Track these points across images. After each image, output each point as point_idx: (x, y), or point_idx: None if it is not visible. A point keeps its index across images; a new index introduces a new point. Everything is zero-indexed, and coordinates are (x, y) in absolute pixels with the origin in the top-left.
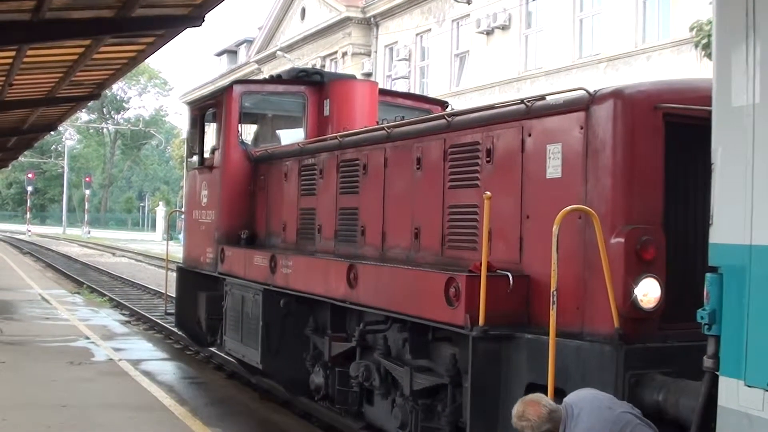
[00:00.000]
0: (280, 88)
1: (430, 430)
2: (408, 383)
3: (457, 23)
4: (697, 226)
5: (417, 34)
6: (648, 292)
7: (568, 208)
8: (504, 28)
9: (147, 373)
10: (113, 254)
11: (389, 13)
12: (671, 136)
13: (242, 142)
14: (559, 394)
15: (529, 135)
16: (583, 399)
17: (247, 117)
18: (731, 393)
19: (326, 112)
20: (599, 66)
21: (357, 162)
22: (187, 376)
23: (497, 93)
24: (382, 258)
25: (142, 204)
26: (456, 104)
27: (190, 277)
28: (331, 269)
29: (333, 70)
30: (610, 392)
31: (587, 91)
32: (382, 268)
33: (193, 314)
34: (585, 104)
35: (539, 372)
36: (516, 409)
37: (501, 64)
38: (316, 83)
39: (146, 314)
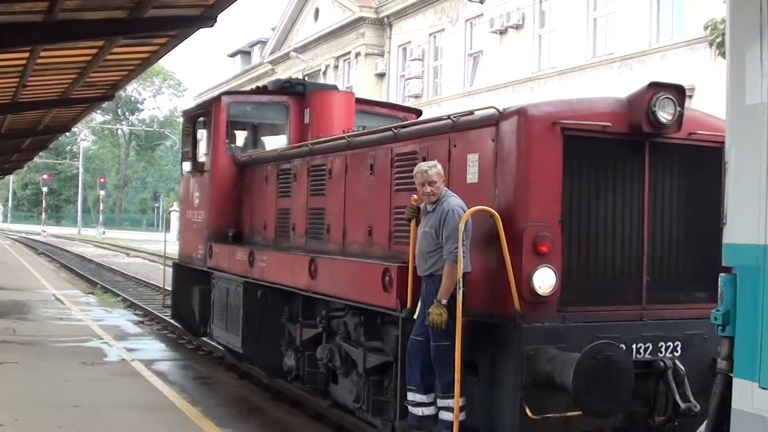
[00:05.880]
0: (265, 98)
1: (379, 403)
2: (362, 362)
3: (471, 23)
4: (590, 224)
5: (430, 34)
6: (544, 279)
7: (473, 209)
8: (517, 27)
9: (159, 374)
10: (127, 255)
11: (402, 13)
12: (569, 148)
13: (229, 148)
14: (469, 367)
15: (455, 146)
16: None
17: (234, 125)
18: (745, 395)
19: (306, 120)
20: (613, 65)
21: (324, 167)
22: (200, 377)
23: (511, 93)
24: (343, 252)
25: (156, 205)
26: (470, 104)
27: (184, 272)
28: (297, 262)
29: (347, 71)
30: (512, 363)
31: (497, 109)
32: (336, 261)
33: (187, 306)
34: (495, 120)
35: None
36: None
37: (514, 63)
38: (298, 93)
39: (159, 314)
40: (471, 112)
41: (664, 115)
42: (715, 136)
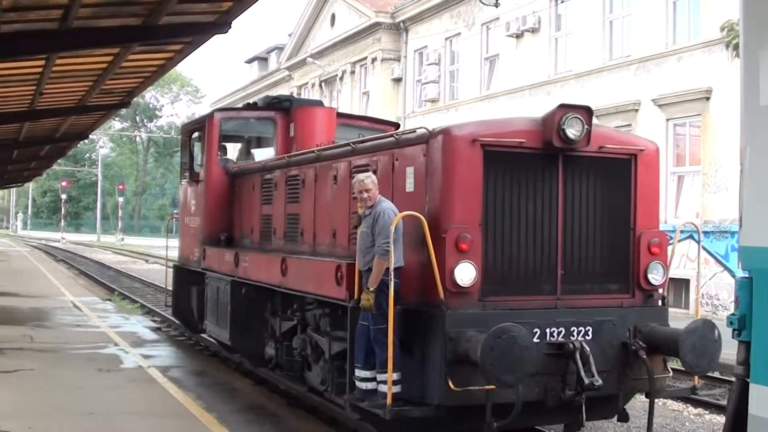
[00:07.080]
0: (254, 114)
1: (342, 384)
2: (327, 350)
3: (487, 27)
4: (511, 225)
5: (446, 38)
6: (465, 273)
7: (402, 213)
8: (533, 31)
9: (175, 380)
10: (146, 261)
11: (418, 18)
12: (489, 161)
13: (222, 160)
14: (407, 347)
15: (397, 160)
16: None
17: (226, 138)
18: (762, 401)
19: (292, 134)
20: (630, 68)
21: (298, 177)
22: (216, 383)
23: (527, 96)
24: (314, 253)
25: (175, 211)
26: (487, 108)
27: (183, 273)
28: (271, 262)
29: (363, 76)
30: (438, 344)
31: (427, 129)
32: (302, 260)
33: (187, 305)
34: (426, 138)
35: (398, 331)
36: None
37: (531, 67)
38: (284, 109)
39: (177, 321)
40: (413, 131)
41: (573, 132)
42: (623, 149)
